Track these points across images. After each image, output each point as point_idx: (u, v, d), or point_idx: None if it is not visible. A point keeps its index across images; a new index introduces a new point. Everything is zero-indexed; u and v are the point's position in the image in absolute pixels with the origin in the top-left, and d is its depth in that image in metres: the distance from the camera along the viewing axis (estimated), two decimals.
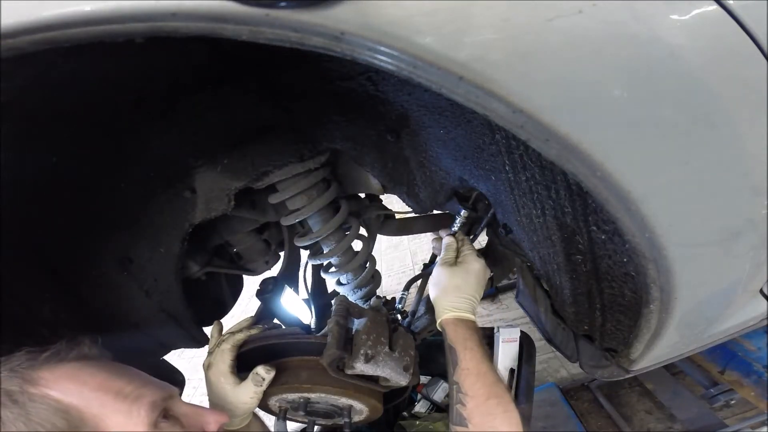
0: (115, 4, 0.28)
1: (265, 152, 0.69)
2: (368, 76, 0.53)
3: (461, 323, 0.67)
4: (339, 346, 0.60)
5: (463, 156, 0.61)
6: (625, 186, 0.35)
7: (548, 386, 1.67)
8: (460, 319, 0.68)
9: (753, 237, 0.44)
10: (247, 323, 0.74)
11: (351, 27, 0.28)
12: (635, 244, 0.39)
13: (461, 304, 0.69)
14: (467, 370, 0.64)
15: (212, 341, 0.72)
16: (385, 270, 3.10)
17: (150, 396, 0.48)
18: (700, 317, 0.51)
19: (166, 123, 0.59)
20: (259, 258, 0.96)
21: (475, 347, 0.65)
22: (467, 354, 0.64)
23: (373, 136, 0.69)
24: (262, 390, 0.67)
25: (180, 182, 0.69)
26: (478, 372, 0.63)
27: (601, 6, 0.31)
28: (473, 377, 0.63)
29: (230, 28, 0.28)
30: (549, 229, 0.54)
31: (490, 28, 0.30)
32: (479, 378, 0.63)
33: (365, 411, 0.73)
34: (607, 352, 0.64)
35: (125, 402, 0.46)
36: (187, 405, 0.55)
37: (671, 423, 1.46)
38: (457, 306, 0.69)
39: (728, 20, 0.34)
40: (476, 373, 0.63)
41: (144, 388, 0.49)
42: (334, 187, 0.81)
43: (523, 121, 0.32)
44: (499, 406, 0.61)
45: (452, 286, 0.70)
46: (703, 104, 0.35)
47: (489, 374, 0.64)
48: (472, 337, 0.66)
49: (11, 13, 0.28)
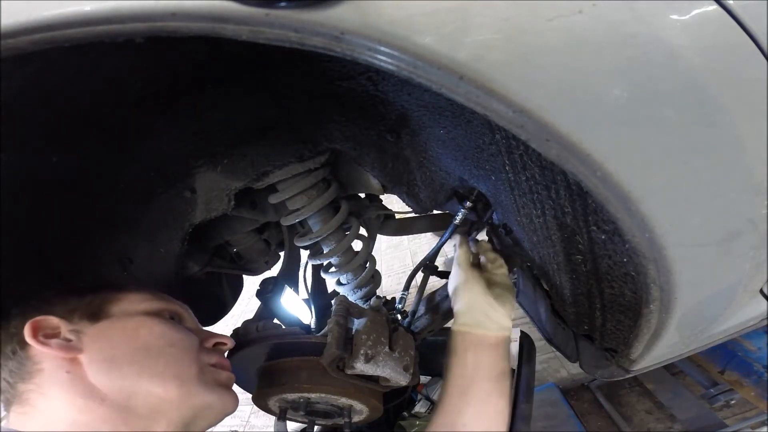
0: (115, 4, 0.28)
1: (265, 152, 0.69)
2: (368, 76, 0.53)
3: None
4: (339, 346, 0.60)
5: (463, 156, 0.61)
6: (625, 186, 0.35)
7: (548, 386, 1.67)
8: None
9: (753, 237, 0.43)
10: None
11: (351, 27, 0.28)
12: (635, 244, 0.39)
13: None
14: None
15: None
16: (385, 270, 3.10)
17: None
18: (700, 317, 0.51)
19: (166, 123, 0.59)
20: (259, 258, 0.96)
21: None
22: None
23: (373, 136, 0.69)
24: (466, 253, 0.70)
25: (180, 182, 0.69)
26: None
27: (601, 6, 0.31)
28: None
29: (230, 28, 0.28)
30: (549, 229, 0.54)
31: (490, 28, 0.30)
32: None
33: (365, 411, 0.73)
34: (607, 352, 0.64)
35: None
36: (195, 323, 0.64)
37: (671, 423, 1.46)
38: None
39: (728, 20, 0.34)
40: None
41: None
42: (334, 187, 0.81)
43: (524, 121, 0.32)
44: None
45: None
46: (703, 104, 0.35)
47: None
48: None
49: (11, 13, 0.28)
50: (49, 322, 0.49)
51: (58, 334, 0.49)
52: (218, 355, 0.62)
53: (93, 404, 0.47)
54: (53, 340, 0.48)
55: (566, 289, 0.62)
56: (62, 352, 0.47)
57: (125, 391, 0.48)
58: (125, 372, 0.49)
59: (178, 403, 0.51)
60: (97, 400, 0.47)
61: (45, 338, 0.48)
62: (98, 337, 0.50)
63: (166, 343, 0.53)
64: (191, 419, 0.52)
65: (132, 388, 0.48)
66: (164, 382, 0.50)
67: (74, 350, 0.48)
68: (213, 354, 0.60)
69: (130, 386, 0.48)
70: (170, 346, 0.53)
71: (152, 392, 0.49)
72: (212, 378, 0.57)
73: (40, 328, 0.48)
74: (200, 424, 0.54)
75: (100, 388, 0.47)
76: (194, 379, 0.53)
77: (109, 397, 0.47)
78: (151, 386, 0.49)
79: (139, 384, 0.49)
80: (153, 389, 0.49)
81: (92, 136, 0.54)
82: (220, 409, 0.56)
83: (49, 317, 0.49)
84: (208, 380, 0.55)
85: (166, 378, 0.50)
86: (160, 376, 0.50)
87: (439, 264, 0.89)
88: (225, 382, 0.59)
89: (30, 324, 0.47)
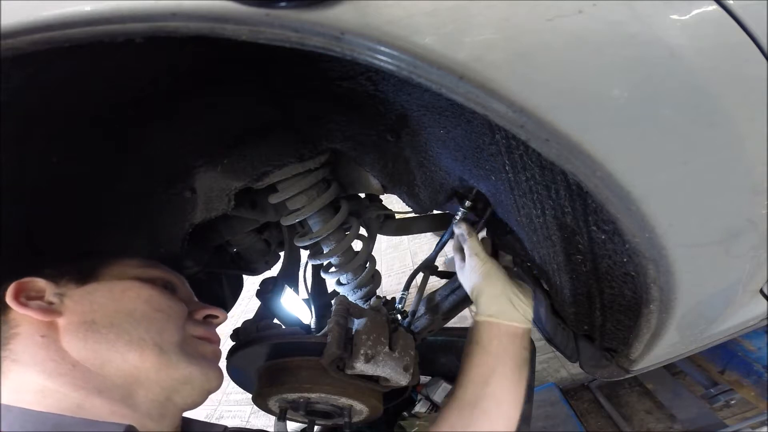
0: (115, 4, 0.28)
1: (265, 152, 0.69)
2: (368, 76, 0.53)
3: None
4: (339, 346, 0.60)
5: (463, 156, 0.61)
6: (625, 186, 0.35)
7: (548, 386, 1.67)
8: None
9: (753, 237, 0.43)
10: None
11: (351, 27, 0.28)
12: (635, 244, 0.39)
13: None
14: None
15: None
16: (385, 270, 3.10)
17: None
18: (700, 317, 0.51)
19: (166, 123, 0.59)
20: (259, 258, 0.96)
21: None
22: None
23: (373, 136, 0.69)
24: (476, 240, 0.68)
25: (180, 182, 0.69)
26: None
27: (601, 6, 0.31)
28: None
29: (230, 28, 0.28)
30: (549, 229, 0.54)
31: (490, 27, 0.30)
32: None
33: (365, 411, 0.73)
34: (607, 352, 0.64)
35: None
36: (189, 295, 0.61)
37: (671, 423, 1.46)
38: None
39: (728, 20, 0.34)
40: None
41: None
42: (334, 187, 0.81)
43: (524, 121, 0.32)
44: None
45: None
46: (703, 104, 0.35)
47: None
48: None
49: (11, 13, 0.28)
50: (34, 284, 0.47)
51: (41, 296, 0.47)
52: (207, 327, 0.59)
53: (63, 369, 0.43)
54: (33, 302, 0.45)
55: (566, 289, 0.62)
56: (40, 314, 0.44)
57: (99, 356, 0.45)
58: (102, 335, 0.45)
59: (156, 373, 0.47)
60: (68, 365, 0.44)
61: (27, 300, 0.45)
62: (81, 299, 0.48)
63: (152, 308, 0.50)
64: (170, 392, 0.49)
65: (107, 353, 0.45)
66: (142, 348, 0.47)
67: (53, 313, 0.45)
68: (201, 326, 0.57)
69: (104, 350, 0.45)
70: (155, 311, 0.50)
71: (127, 359, 0.46)
72: (195, 350, 0.53)
73: (23, 290, 0.46)
74: (179, 400, 0.51)
75: (72, 353, 0.44)
76: (175, 348, 0.50)
77: (80, 363, 0.44)
78: (127, 352, 0.46)
79: (115, 349, 0.45)
80: (128, 355, 0.46)
81: (92, 136, 0.54)
82: (201, 384, 0.52)
83: (35, 279, 0.47)
84: (190, 351, 0.52)
85: (145, 345, 0.47)
86: (139, 342, 0.47)
87: (439, 264, 0.89)
88: (209, 355, 0.56)
89: (14, 285, 0.45)
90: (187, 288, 0.62)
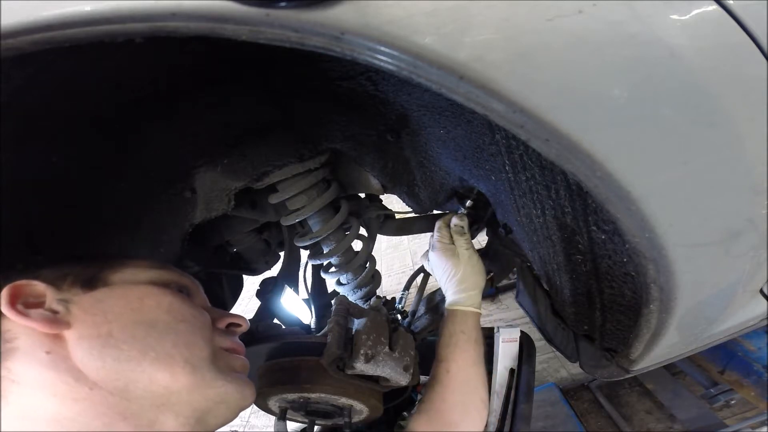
0: (115, 4, 0.28)
1: (265, 152, 0.69)
2: (368, 76, 0.53)
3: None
4: (339, 346, 0.60)
5: (463, 156, 0.61)
6: (625, 186, 0.35)
7: (548, 386, 1.67)
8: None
9: (753, 237, 0.43)
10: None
11: (351, 27, 0.28)
12: (635, 244, 0.39)
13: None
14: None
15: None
16: (385, 270, 3.10)
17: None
18: (700, 317, 0.51)
19: (166, 123, 0.59)
20: (259, 258, 0.96)
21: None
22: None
23: (373, 136, 0.69)
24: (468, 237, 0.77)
25: (180, 182, 0.69)
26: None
27: (601, 6, 0.31)
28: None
29: (230, 28, 0.28)
30: (549, 229, 0.54)
31: (490, 27, 0.30)
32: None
33: (365, 411, 0.73)
34: (607, 352, 0.64)
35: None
36: (205, 301, 0.56)
37: (671, 423, 1.46)
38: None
39: (728, 20, 0.34)
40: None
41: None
42: (334, 187, 0.81)
43: (524, 121, 0.32)
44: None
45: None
46: (703, 104, 0.35)
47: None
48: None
49: (11, 13, 0.28)
50: (32, 288, 0.40)
51: (42, 303, 0.40)
52: (232, 337, 0.53)
53: (79, 394, 0.37)
54: (35, 310, 0.38)
55: (566, 289, 0.62)
56: (44, 326, 0.38)
57: (122, 376, 0.39)
58: (123, 352, 0.39)
59: (189, 394, 0.41)
60: (84, 388, 0.37)
61: (25, 308, 0.38)
62: (92, 308, 0.41)
63: (176, 318, 0.44)
64: (203, 413, 0.43)
65: (131, 373, 0.39)
66: (172, 366, 0.41)
67: (60, 324, 0.39)
68: (226, 336, 0.51)
69: (128, 370, 0.39)
70: (179, 321, 0.44)
71: (156, 379, 0.40)
72: (227, 364, 0.48)
73: (20, 295, 0.39)
74: (212, 420, 0.45)
75: (88, 374, 0.38)
76: (208, 364, 0.44)
77: (100, 385, 0.38)
78: (155, 371, 0.40)
79: (141, 368, 0.39)
80: (157, 375, 0.40)
81: (92, 136, 0.54)
82: (236, 402, 0.46)
83: (33, 282, 0.40)
84: (223, 367, 0.46)
85: (174, 362, 0.41)
86: (167, 359, 0.41)
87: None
88: (241, 369, 0.51)
89: (8, 289, 0.38)
90: (202, 293, 0.56)
